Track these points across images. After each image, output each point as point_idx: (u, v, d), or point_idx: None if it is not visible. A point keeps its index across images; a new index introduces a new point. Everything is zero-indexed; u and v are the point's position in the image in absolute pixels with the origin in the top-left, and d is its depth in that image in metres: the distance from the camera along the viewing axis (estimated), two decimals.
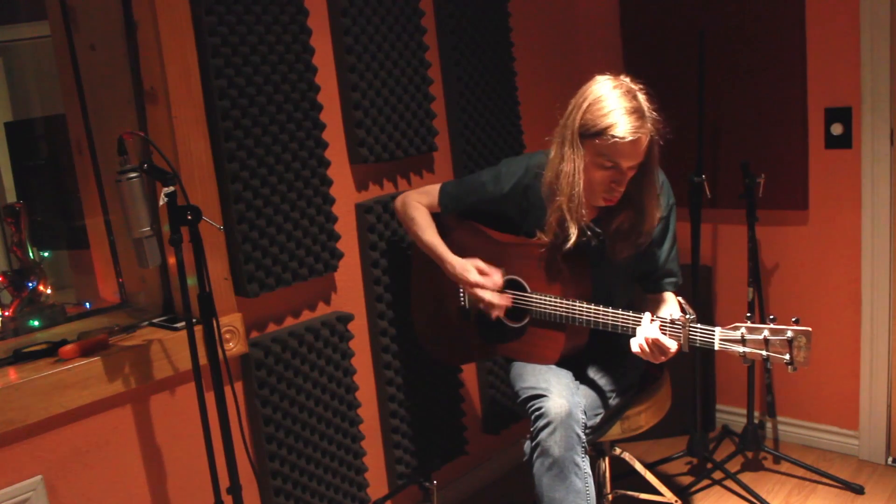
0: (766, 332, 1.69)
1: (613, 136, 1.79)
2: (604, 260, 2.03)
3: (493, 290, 2.07)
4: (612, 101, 1.81)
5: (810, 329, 1.66)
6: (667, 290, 2.10)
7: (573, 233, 1.91)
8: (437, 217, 2.26)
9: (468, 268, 2.09)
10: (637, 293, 2.20)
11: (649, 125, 1.83)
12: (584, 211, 1.90)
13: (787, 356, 1.67)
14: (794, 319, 1.68)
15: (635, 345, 1.82)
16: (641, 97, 1.84)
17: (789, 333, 1.66)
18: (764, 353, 1.69)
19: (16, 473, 1.73)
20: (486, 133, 2.78)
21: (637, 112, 1.80)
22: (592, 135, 1.83)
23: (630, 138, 1.79)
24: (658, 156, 1.92)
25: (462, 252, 2.21)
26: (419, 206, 2.25)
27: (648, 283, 2.12)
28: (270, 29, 2.09)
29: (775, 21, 2.75)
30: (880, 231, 2.68)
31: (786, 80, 2.77)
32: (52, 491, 1.79)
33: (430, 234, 2.20)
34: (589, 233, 1.96)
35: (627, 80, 1.87)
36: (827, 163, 2.76)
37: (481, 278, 2.07)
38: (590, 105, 1.84)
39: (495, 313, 2.08)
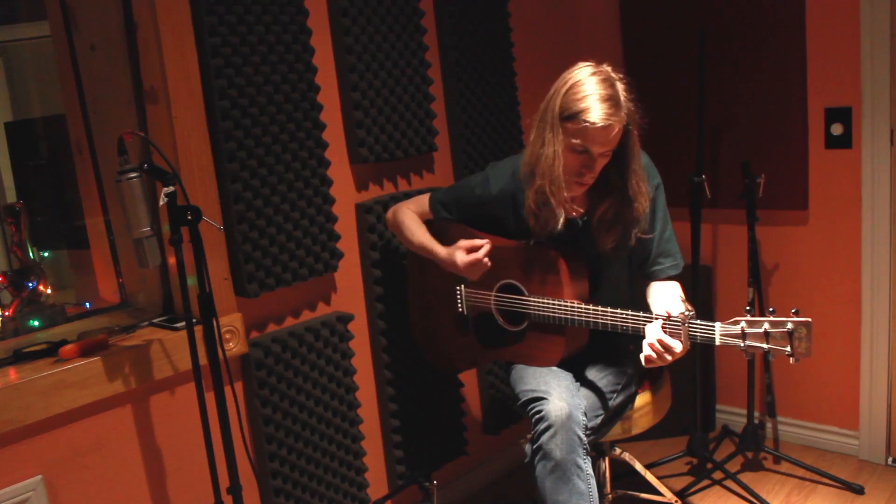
0: (766, 325, 1.69)
1: (585, 121, 1.81)
2: (598, 255, 2.02)
3: (484, 265, 2.05)
4: (589, 87, 1.83)
5: (810, 320, 1.66)
6: (668, 275, 2.06)
7: (559, 213, 1.93)
8: (430, 225, 2.26)
9: (454, 254, 2.07)
10: (639, 289, 2.17)
11: (623, 113, 1.84)
12: (565, 194, 1.92)
13: (789, 348, 1.67)
14: (793, 311, 1.67)
15: (645, 352, 1.79)
16: (620, 86, 1.86)
17: (789, 325, 1.66)
18: (765, 346, 1.69)
19: (16, 473, 1.73)
20: (486, 133, 2.77)
21: (611, 99, 1.82)
22: (567, 118, 1.85)
23: (601, 124, 1.80)
24: (637, 143, 1.93)
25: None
26: (409, 211, 2.25)
27: (647, 269, 2.08)
28: (270, 29, 2.09)
29: (775, 21, 2.75)
30: (880, 231, 2.68)
31: (786, 80, 2.76)
32: (52, 491, 1.79)
33: (420, 235, 2.20)
34: (574, 214, 1.97)
35: (608, 68, 1.89)
36: (827, 163, 2.76)
37: (470, 257, 2.04)
38: (568, 89, 1.86)
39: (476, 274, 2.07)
